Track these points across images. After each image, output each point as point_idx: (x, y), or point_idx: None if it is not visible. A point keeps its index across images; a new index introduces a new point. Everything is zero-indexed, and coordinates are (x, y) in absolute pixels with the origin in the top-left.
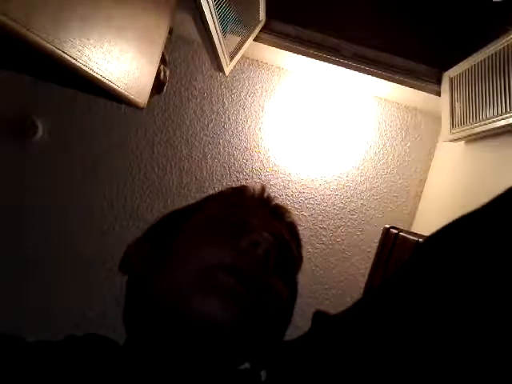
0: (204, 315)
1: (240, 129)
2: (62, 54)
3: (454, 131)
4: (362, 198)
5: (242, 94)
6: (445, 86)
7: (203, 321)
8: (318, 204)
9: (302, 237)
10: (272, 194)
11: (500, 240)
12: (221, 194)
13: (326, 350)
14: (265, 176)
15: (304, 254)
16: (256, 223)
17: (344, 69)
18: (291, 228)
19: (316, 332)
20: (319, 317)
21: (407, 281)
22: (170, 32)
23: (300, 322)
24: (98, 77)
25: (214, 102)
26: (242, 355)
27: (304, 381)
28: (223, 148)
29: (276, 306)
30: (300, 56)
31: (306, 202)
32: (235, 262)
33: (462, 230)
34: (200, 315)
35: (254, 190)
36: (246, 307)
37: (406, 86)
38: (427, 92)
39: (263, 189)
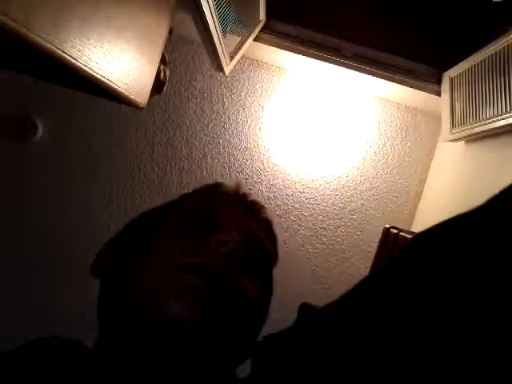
0: (172, 317)
1: (240, 129)
2: (63, 53)
3: (454, 131)
4: (362, 198)
5: (242, 94)
6: (445, 85)
7: (171, 322)
8: (318, 204)
9: (302, 236)
10: (272, 195)
11: (494, 239)
12: (196, 192)
13: (310, 343)
14: (265, 176)
15: (304, 253)
16: (228, 221)
17: (344, 69)
18: (267, 224)
19: (300, 324)
20: (304, 309)
21: (393, 275)
22: (170, 32)
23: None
24: (99, 77)
25: (214, 102)
26: (213, 355)
27: (288, 373)
28: (223, 148)
29: (244, 302)
30: (300, 56)
31: (306, 201)
32: (202, 261)
33: (456, 228)
34: (169, 316)
35: (229, 186)
36: (212, 307)
37: (407, 85)
38: (427, 92)
39: (238, 185)
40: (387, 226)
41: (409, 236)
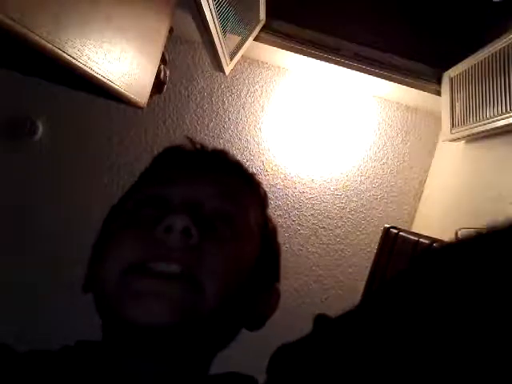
0: (139, 322)
1: (240, 129)
2: (62, 53)
3: (454, 131)
4: (361, 198)
5: (242, 94)
6: (445, 85)
7: (142, 326)
8: (318, 204)
9: (302, 236)
10: (272, 195)
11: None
12: (150, 166)
13: (327, 353)
14: (265, 176)
15: (304, 253)
16: (177, 198)
17: (344, 68)
18: (236, 171)
19: (317, 335)
20: (320, 320)
21: (408, 285)
22: (170, 32)
23: (300, 323)
24: (99, 76)
25: (213, 102)
26: (226, 331)
27: (305, 382)
28: (223, 148)
29: (233, 272)
30: (300, 56)
31: (306, 201)
32: (149, 257)
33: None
34: (136, 322)
35: (184, 146)
36: (186, 298)
37: (406, 85)
38: (427, 92)
39: (192, 142)
40: (387, 225)
41: (409, 236)
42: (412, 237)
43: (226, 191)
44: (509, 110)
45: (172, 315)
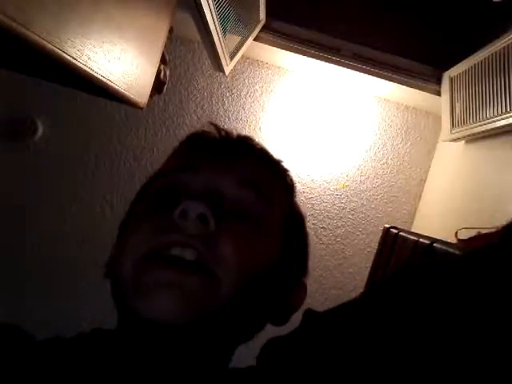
0: (149, 316)
1: (240, 129)
2: (62, 53)
3: (454, 131)
4: (361, 198)
5: (242, 94)
6: (445, 85)
7: (152, 322)
8: (318, 204)
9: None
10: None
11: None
12: (172, 152)
13: (314, 346)
14: None
15: None
16: (198, 185)
17: (344, 68)
18: (261, 159)
19: (305, 329)
20: (309, 315)
21: (392, 287)
22: (170, 32)
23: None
24: (98, 76)
25: (213, 102)
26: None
27: (293, 375)
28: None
29: (251, 267)
30: (300, 56)
31: (306, 201)
32: (164, 243)
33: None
34: (146, 316)
35: (209, 133)
36: (199, 291)
37: (406, 85)
38: (427, 92)
39: (217, 128)
40: (387, 226)
41: (409, 236)
42: (412, 237)
43: (250, 180)
44: (509, 109)
45: (183, 312)
